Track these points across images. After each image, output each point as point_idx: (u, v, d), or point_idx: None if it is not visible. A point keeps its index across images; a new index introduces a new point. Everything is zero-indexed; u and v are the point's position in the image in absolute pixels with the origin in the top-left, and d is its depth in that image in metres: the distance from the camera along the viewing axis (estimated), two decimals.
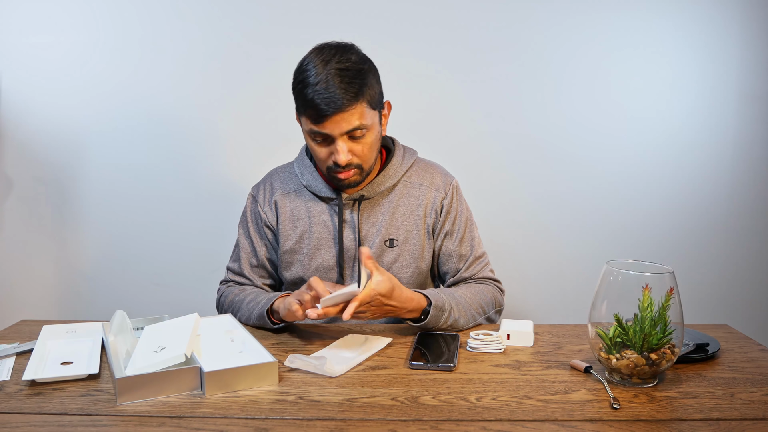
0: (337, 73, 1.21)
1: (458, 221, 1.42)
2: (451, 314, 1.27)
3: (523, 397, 0.97)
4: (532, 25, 1.98)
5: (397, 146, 1.44)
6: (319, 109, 1.21)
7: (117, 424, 0.89)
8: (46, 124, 2.01)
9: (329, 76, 1.20)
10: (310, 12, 1.96)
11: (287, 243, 1.40)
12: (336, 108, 1.20)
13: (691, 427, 0.88)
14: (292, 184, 1.43)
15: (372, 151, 1.30)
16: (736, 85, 2.02)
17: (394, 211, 1.38)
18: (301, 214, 1.40)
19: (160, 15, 1.97)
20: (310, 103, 1.22)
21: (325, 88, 1.20)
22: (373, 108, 1.27)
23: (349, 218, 1.37)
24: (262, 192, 1.45)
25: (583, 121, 2.04)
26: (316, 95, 1.20)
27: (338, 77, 1.21)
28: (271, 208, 1.42)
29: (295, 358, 1.07)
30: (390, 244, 1.38)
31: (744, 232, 2.10)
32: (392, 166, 1.40)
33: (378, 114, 1.31)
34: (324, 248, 1.38)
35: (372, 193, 1.37)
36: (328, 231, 1.38)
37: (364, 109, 1.24)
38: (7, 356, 1.13)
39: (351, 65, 1.23)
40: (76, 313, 2.08)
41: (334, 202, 1.37)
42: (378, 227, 1.38)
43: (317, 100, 1.20)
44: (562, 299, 2.12)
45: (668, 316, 0.98)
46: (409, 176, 1.41)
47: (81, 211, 2.06)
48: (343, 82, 1.21)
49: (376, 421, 0.90)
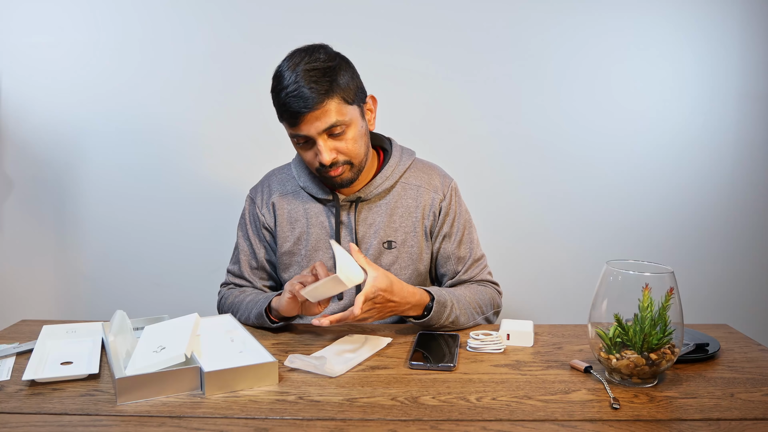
0: (305, 74, 1.22)
1: (457, 223, 1.42)
2: (453, 311, 1.27)
3: (523, 397, 0.97)
4: (532, 25, 1.98)
5: (395, 147, 1.43)
6: (292, 111, 1.22)
7: (117, 424, 0.89)
8: (46, 123, 2.01)
9: (298, 78, 1.21)
10: (310, 12, 1.96)
11: (285, 244, 1.40)
12: (307, 108, 1.21)
13: (691, 427, 0.88)
14: (289, 185, 1.42)
15: (358, 146, 1.29)
16: (736, 85, 2.02)
17: (392, 213, 1.38)
18: (298, 216, 1.39)
19: (160, 15, 1.97)
20: (284, 107, 1.24)
21: (296, 90, 1.21)
22: (348, 103, 1.26)
23: (346, 220, 1.37)
24: (260, 194, 1.45)
25: (583, 121, 2.04)
26: (287, 98, 1.22)
27: (306, 78, 1.21)
28: (269, 210, 1.42)
29: (295, 358, 1.07)
30: (388, 246, 1.38)
31: (744, 232, 2.10)
32: (389, 168, 1.39)
33: (358, 109, 1.29)
34: (322, 250, 1.38)
35: (369, 194, 1.37)
36: (325, 232, 1.38)
37: (339, 105, 1.24)
38: (7, 356, 1.13)
39: (319, 64, 1.23)
40: (76, 313, 2.08)
41: (331, 204, 1.37)
42: (375, 229, 1.37)
43: (289, 102, 1.22)
44: (562, 299, 2.12)
45: (668, 316, 0.98)
46: (407, 178, 1.41)
47: (81, 211, 2.06)
48: (311, 81, 1.21)
49: (376, 421, 0.90)
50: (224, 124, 2.02)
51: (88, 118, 2.01)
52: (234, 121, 2.02)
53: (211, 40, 1.98)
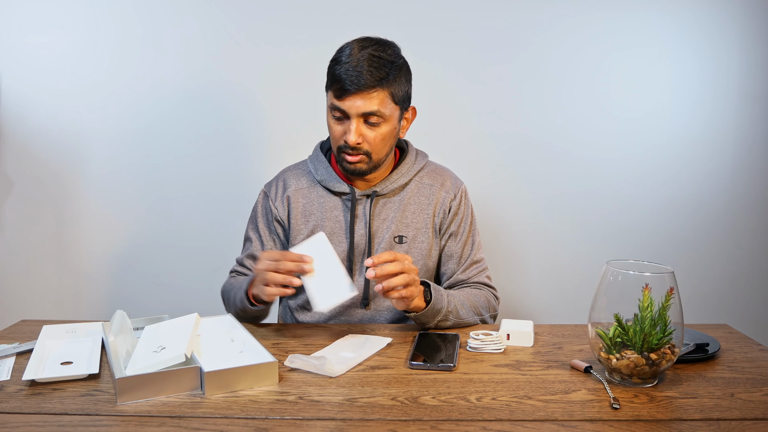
0: (369, 57, 1.28)
1: (463, 224, 1.46)
2: (451, 300, 1.29)
3: (523, 397, 0.97)
4: (532, 25, 1.98)
5: (411, 147, 1.49)
6: (343, 83, 1.27)
7: (117, 424, 0.89)
8: (46, 124, 2.01)
9: (361, 59, 1.27)
10: (311, 12, 1.96)
11: (298, 237, 1.42)
12: (358, 86, 1.26)
13: (691, 427, 0.88)
14: (305, 180, 1.46)
15: (384, 144, 1.34)
16: (736, 85, 2.02)
17: (404, 208, 1.42)
18: (313, 209, 1.42)
19: (160, 15, 1.96)
20: (336, 77, 1.29)
21: (354, 67, 1.27)
22: (395, 102, 1.32)
23: (361, 213, 1.40)
24: (274, 188, 1.48)
25: (583, 121, 2.04)
26: (343, 72, 1.27)
27: (368, 61, 1.27)
28: (283, 204, 1.45)
29: (295, 358, 1.07)
30: (399, 240, 1.41)
31: (744, 232, 2.10)
32: (405, 165, 1.44)
33: (399, 111, 1.35)
34: (335, 242, 1.40)
35: (385, 189, 1.41)
36: (339, 225, 1.40)
37: (386, 98, 1.29)
38: (7, 356, 1.13)
39: (385, 56, 1.30)
40: (76, 313, 2.08)
41: (347, 197, 1.40)
42: (388, 224, 1.41)
43: (343, 75, 1.27)
44: (562, 299, 2.12)
45: (668, 316, 0.98)
46: (421, 177, 1.46)
47: (81, 211, 2.06)
48: (372, 66, 1.27)
49: (376, 421, 0.90)
50: (224, 124, 2.02)
51: (88, 118, 2.01)
52: (234, 122, 2.02)
53: (211, 40, 1.98)
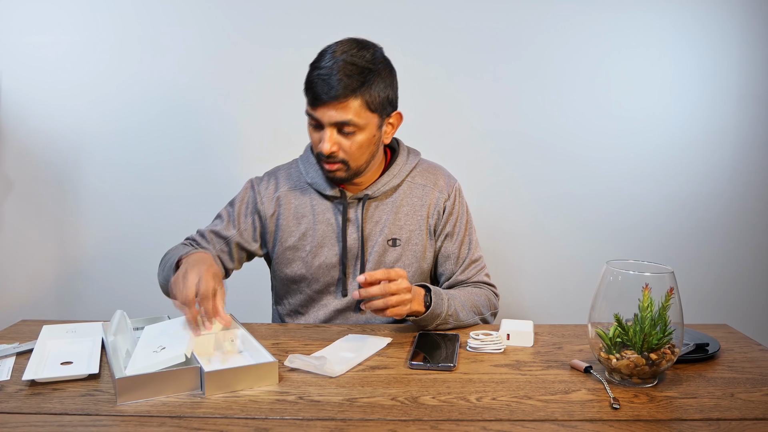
0: (344, 64, 1.24)
1: (459, 224, 1.43)
2: (451, 302, 1.28)
3: (523, 397, 0.97)
4: (532, 25, 1.98)
5: (402, 147, 1.45)
6: (315, 93, 1.25)
7: (117, 424, 0.89)
8: (46, 123, 2.01)
9: (336, 66, 1.23)
10: (310, 13, 1.96)
11: (289, 239, 1.40)
12: (330, 97, 1.23)
13: (691, 427, 0.88)
14: (297, 181, 1.43)
15: (361, 152, 1.30)
16: (736, 85, 2.02)
17: (397, 210, 1.39)
18: (305, 212, 1.40)
19: (160, 15, 1.97)
20: (310, 85, 1.26)
21: (327, 75, 1.23)
22: (371, 110, 1.27)
23: (353, 217, 1.38)
24: (264, 184, 1.44)
25: (583, 121, 2.04)
26: (317, 79, 1.24)
27: (342, 68, 1.23)
28: (272, 203, 1.41)
29: (295, 358, 1.07)
30: (393, 243, 1.38)
31: (744, 232, 2.10)
32: (396, 166, 1.40)
33: (378, 118, 1.30)
34: (327, 246, 1.38)
35: (377, 192, 1.38)
36: (331, 229, 1.38)
37: (360, 108, 1.25)
38: (7, 356, 1.13)
39: (360, 61, 1.25)
40: (76, 313, 2.08)
41: (339, 201, 1.38)
42: (381, 226, 1.38)
43: (317, 84, 1.24)
44: (562, 299, 2.12)
45: (668, 316, 0.98)
46: (413, 177, 1.42)
47: (81, 212, 2.06)
48: (345, 75, 1.23)
49: (376, 421, 0.90)
50: (223, 124, 2.02)
51: (88, 117, 2.01)
52: (234, 121, 2.02)
53: (211, 40, 1.98)
